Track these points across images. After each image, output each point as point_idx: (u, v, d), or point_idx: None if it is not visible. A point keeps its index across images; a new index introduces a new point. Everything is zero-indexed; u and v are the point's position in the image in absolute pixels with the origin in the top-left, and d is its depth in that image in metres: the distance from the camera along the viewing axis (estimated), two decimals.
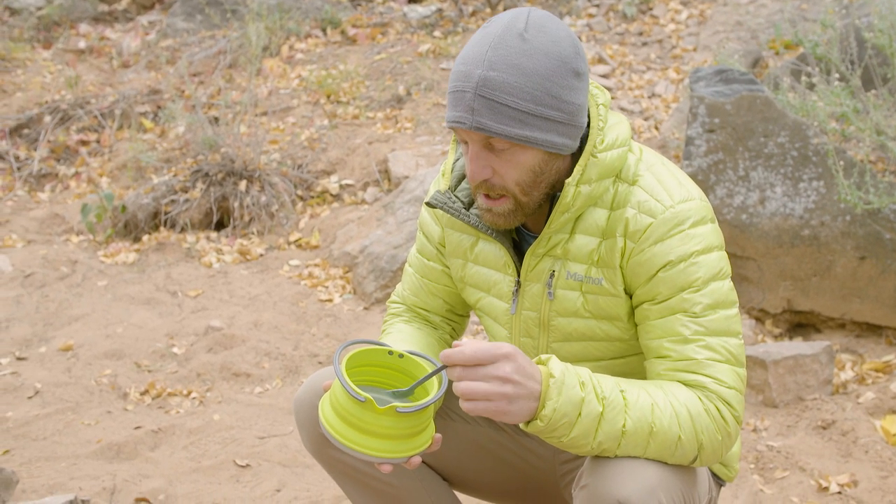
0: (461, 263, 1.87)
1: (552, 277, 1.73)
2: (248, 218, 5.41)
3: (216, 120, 6.09)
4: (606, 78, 6.19)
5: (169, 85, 6.82)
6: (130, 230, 5.49)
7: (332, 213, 5.38)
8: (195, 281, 4.80)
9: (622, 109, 5.74)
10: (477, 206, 1.72)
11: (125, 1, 8.68)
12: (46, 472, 3.07)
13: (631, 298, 1.70)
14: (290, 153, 5.83)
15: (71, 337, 4.17)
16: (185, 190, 5.55)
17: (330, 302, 4.55)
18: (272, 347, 4.01)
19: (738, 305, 1.67)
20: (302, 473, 3.07)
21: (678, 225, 1.64)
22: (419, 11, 7.55)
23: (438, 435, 1.63)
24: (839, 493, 2.88)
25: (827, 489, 2.90)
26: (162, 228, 5.44)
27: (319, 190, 5.60)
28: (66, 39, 8.08)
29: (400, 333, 1.91)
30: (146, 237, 5.37)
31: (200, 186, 5.50)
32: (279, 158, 5.76)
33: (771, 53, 5.87)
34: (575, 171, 1.65)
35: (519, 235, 1.80)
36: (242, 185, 5.46)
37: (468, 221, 1.75)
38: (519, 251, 1.80)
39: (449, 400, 1.92)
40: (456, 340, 1.75)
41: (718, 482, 1.85)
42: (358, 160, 5.66)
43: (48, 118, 6.58)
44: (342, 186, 5.58)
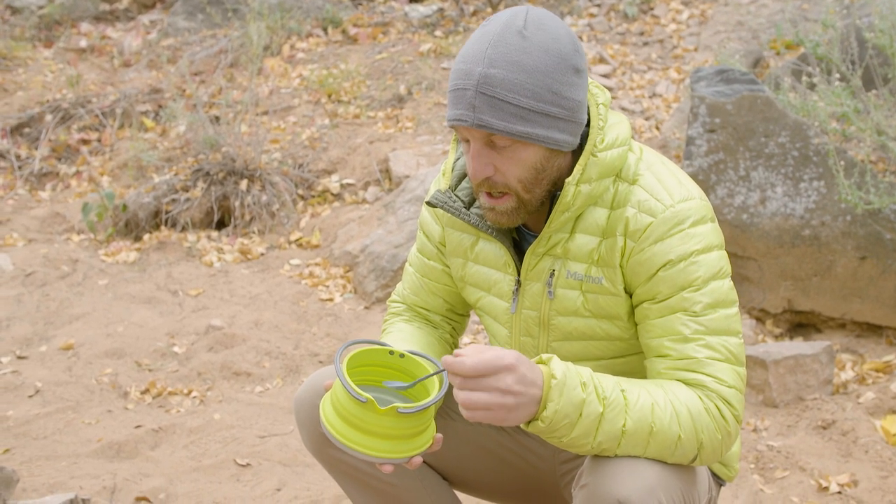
0: (461, 263, 1.87)
1: (552, 276, 1.73)
2: (248, 217, 5.41)
3: (217, 119, 6.09)
4: (607, 78, 6.18)
5: (170, 84, 6.83)
6: (131, 229, 5.49)
7: (332, 212, 5.37)
8: (196, 280, 4.80)
9: (623, 109, 5.74)
10: (479, 204, 1.72)
11: (126, 0, 8.68)
12: (47, 470, 3.07)
13: (631, 297, 1.70)
14: (290, 152, 5.83)
15: (72, 336, 4.17)
16: (185, 189, 5.55)
17: (331, 301, 4.55)
18: (273, 347, 4.01)
19: (738, 305, 1.67)
20: (302, 473, 3.07)
21: (678, 224, 1.64)
22: (420, 11, 7.55)
23: (439, 435, 1.64)
24: (839, 493, 2.88)
25: (827, 489, 2.89)
26: (163, 227, 5.44)
27: (320, 189, 5.59)
28: (67, 38, 8.08)
29: (400, 333, 1.91)
30: (147, 236, 5.37)
31: (201, 185, 5.50)
32: (280, 158, 5.76)
33: (772, 53, 5.87)
34: (575, 170, 1.65)
35: (519, 235, 1.81)
36: (243, 184, 5.46)
37: (468, 221, 1.75)
38: (519, 250, 1.80)
39: (449, 400, 1.92)
40: (458, 346, 1.75)
41: (718, 482, 1.85)
42: (359, 159, 5.66)
43: (49, 117, 6.58)
44: (343, 186, 5.57)
